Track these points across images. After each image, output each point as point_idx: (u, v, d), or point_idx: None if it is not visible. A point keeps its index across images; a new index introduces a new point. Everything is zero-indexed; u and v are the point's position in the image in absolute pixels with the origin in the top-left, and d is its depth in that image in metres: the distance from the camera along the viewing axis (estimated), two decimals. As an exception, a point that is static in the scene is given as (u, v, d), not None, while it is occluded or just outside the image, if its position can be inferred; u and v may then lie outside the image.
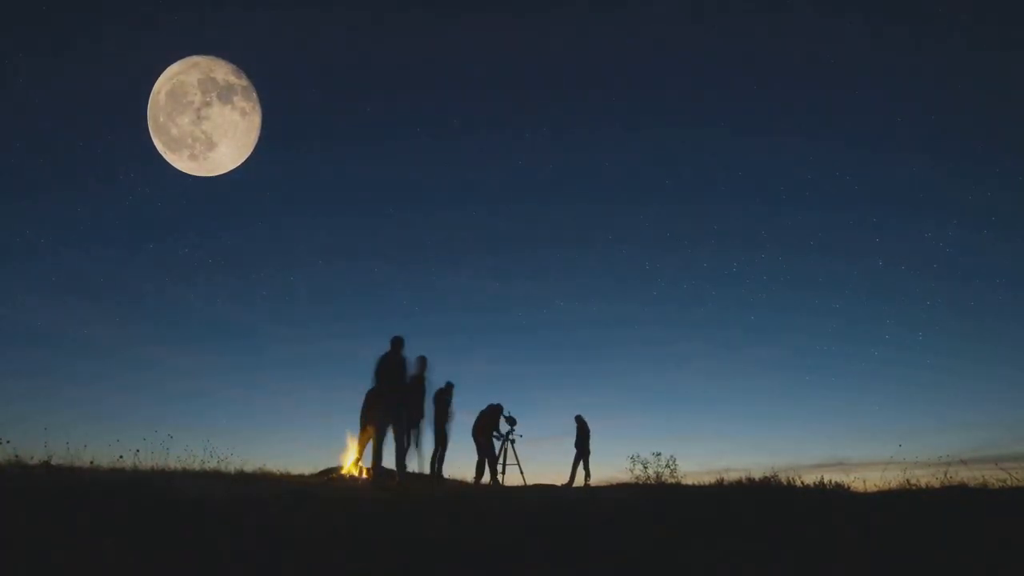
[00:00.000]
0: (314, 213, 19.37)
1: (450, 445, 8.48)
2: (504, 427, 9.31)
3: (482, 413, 9.29)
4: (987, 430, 16.34)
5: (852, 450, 16.67)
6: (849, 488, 5.95)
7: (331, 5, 17.93)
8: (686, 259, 18.64)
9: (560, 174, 19.45)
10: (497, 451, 9.16)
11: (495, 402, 9.39)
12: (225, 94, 12.12)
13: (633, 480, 8.18)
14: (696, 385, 18.77)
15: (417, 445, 7.78)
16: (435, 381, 8.30)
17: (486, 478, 9.11)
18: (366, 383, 7.98)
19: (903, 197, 17.39)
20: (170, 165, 12.27)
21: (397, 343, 7.47)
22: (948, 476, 5.57)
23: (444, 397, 8.72)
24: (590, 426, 10.21)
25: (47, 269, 16.41)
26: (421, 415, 7.80)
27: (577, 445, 9.98)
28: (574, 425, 9.98)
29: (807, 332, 18.25)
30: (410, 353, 7.54)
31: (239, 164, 12.93)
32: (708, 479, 8.20)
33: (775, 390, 18.43)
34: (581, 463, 9.94)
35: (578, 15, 18.24)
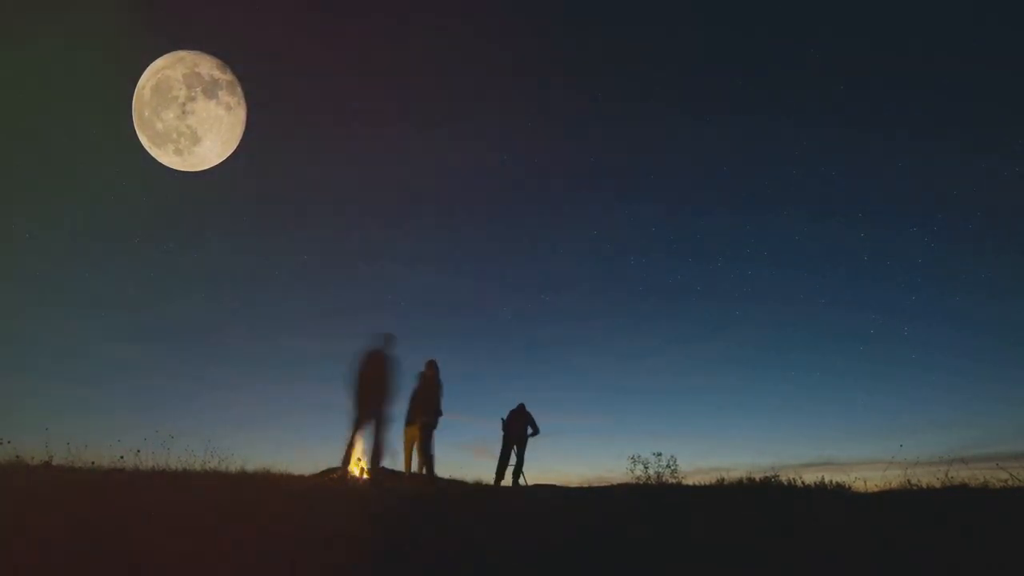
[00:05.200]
0: (303, 210, 19.06)
1: (450, 446, 8.69)
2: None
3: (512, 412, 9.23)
4: (973, 428, 16.68)
5: (838, 449, 16.86)
6: (850, 488, 6.03)
7: (320, -1, 17.59)
8: (672, 256, 18.74)
9: (551, 172, 19.38)
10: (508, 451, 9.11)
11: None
12: (210, 89, 11.92)
13: (634, 480, 8.24)
14: (680, 384, 18.89)
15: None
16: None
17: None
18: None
19: (889, 191, 17.63)
20: (155, 160, 12.03)
21: (387, 340, 7.41)
22: (949, 476, 5.67)
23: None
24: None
25: (37, 268, 15.97)
26: (439, 415, 7.94)
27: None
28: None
29: (792, 329, 18.46)
30: (418, 354, 7.55)
31: (224, 159, 12.75)
32: (701, 479, 8.28)
33: (760, 388, 18.63)
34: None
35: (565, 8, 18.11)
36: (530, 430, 9.17)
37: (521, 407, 9.33)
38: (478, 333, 19.97)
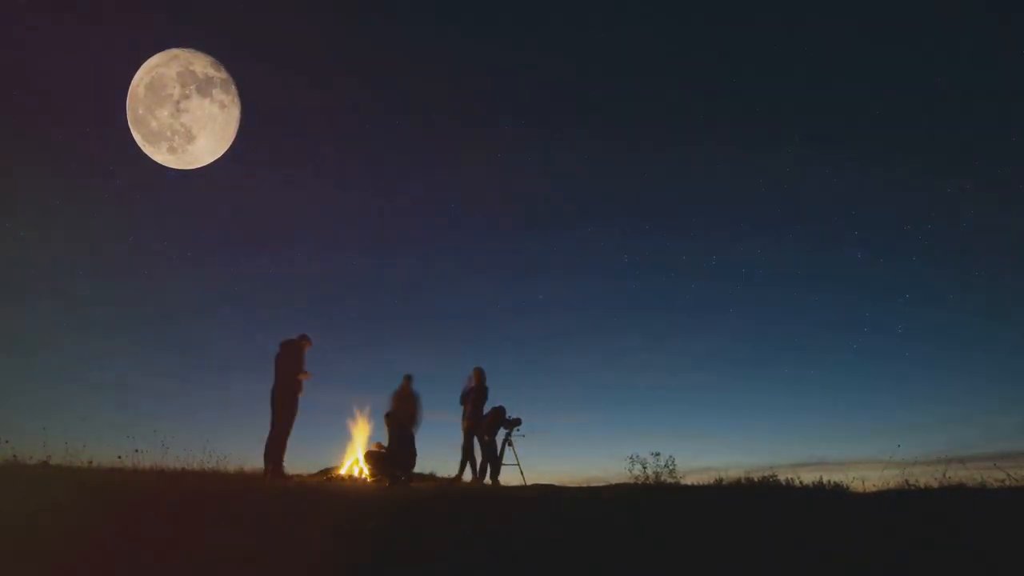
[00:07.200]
0: (298, 209, 18.96)
1: (448, 444, 9.06)
2: (502, 429, 9.30)
3: (486, 415, 9.28)
4: (970, 428, 16.70)
5: (833, 449, 16.83)
6: (848, 488, 6.06)
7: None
8: (665, 254, 18.73)
9: (546, 171, 19.35)
10: (498, 451, 9.17)
11: (497, 404, 9.40)
12: (204, 87, 11.88)
13: (632, 480, 8.24)
14: (672, 383, 18.87)
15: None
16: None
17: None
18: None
19: (885, 189, 17.68)
20: (149, 158, 11.98)
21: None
22: (947, 476, 5.70)
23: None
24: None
25: (31, 267, 15.81)
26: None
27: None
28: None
29: (783, 327, 18.48)
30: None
31: (218, 157, 12.72)
32: (696, 479, 8.28)
33: (753, 387, 18.64)
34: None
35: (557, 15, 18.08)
36: (503, 430, 9.38)
37: (491, 410, 9.48)
38: (472, 332, 19.94)
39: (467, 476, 9.22)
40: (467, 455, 9.18)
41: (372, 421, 9.03)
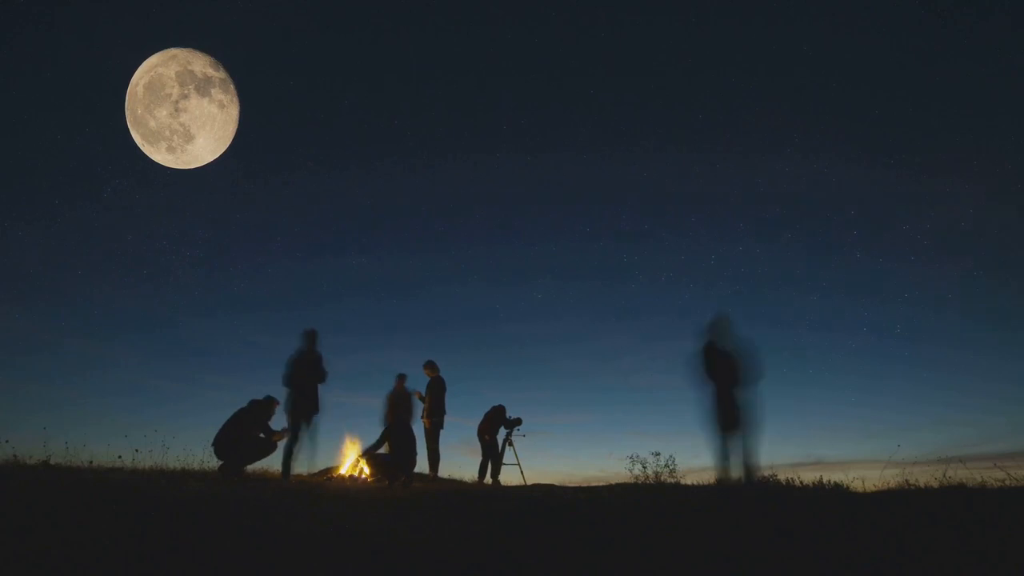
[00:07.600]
0: (296, 208, 18.96)
1: (448, 444, 9.09)
2: (503, 428, 9.31)
3: (487, 414, 9.30)
4: (969, 428, 16.75)
5: (830, 448, 16.91)
6: (848, 488, 6.06)
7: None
8: (663, 253, 18.77)
9: (540, 171, 19.36)
10: (499, 451, 9.19)
11: (497, 403, 9.43)
12: (203, 87, 11.90)
13: (632, 480, 8.27)
14: (668, 383, 18.91)
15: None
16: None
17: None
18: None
19: (883, 188, 17.72)
20: (148, 158, 11.99)
21: (311, 337, 7.77)
22: (947, 476, 5.72)
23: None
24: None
25: (30, 267, 15.81)
26: (443, 412, 8.71)
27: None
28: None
29: (780, 326, 18.53)
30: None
31: (217, 157, 12.75)
32: (694, 479, 8.30)
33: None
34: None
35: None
36: (503, 430, 9.41)
37: (491, 409, 9.50)
38: (471, 333, 19.93)
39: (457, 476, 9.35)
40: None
41: (362, 437, 9.06)
